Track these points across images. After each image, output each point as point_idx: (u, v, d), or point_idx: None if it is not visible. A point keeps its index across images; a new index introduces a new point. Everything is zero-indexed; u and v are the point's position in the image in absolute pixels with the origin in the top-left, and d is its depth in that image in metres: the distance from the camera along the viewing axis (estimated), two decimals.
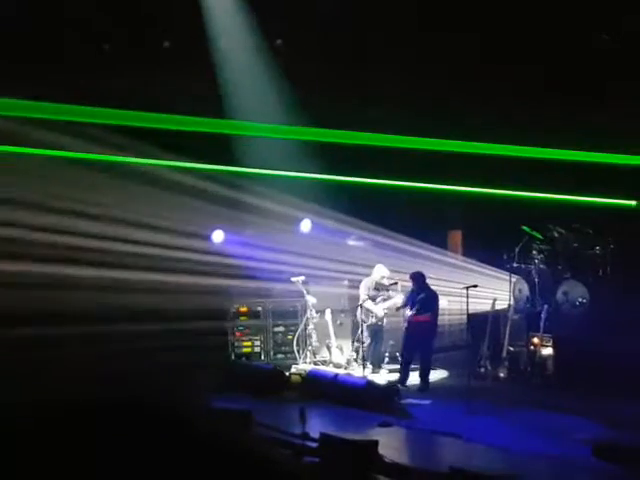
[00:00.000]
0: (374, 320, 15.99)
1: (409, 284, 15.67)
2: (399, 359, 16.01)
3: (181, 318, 15.77)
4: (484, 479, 7.84)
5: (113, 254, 16.07)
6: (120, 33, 16.45)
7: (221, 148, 17.41)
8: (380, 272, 16.32)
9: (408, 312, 15.30)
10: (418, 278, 15.37)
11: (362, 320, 15.88)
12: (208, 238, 17.81)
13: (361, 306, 15.89)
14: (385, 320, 16.19)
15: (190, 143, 16.50)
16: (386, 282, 16.29)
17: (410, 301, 15.34)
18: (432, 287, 15.59)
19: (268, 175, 17.45)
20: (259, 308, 17.74)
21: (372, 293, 16.15)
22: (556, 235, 17.05)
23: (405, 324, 15.34)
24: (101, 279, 15.92)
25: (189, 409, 10.13)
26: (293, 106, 17.01)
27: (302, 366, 16.09)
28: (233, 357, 17.27)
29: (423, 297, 15.06)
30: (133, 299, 15.91)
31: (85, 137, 15.54)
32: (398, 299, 15.98)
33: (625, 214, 16.65)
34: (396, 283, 16.20)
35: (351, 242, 18.99)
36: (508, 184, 16.82)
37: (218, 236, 17.96)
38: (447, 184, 17.69)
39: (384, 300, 16.16)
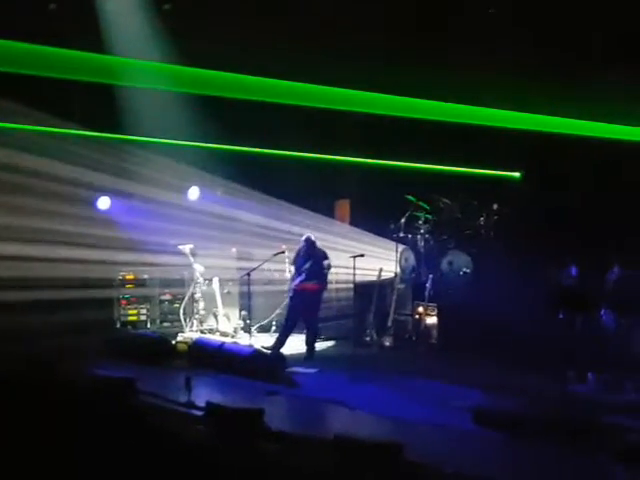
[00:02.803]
0: None
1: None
2: (276, 325, 16.24)
3: (65, 287, 15.55)
4: (368, 447, 7.91)
5: None
6: None
7: (108, 114, 17.15)
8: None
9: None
10: (310, 243, 15.34)
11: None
12: (94, 205, 17.52)
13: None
14: None
15: (77, 108, 16.21)
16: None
17: (296, 268, 15.35)
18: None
19: (155, 142, 17.23)
20: (145, 276, 17.60)
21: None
22: (441, 206, 17.26)
23: (290, 292, 15.32)
24: None
25: (72, 377, 10.00)
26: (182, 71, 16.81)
27: (189, 334, 15.99)
28: (118, 325, 17.09)
29: (310, 265, 15.05)
30: (17, 267, 15.62)
31: None
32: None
33: (509, 185, 16.95)
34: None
35: (240, 210, 18.91)
36: (395, 154, 16.96)
37: (104, 203, 17.69)
38: (335, 154, 17.75)
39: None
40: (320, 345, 15.69)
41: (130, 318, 17.22)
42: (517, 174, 16.93)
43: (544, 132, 14.46)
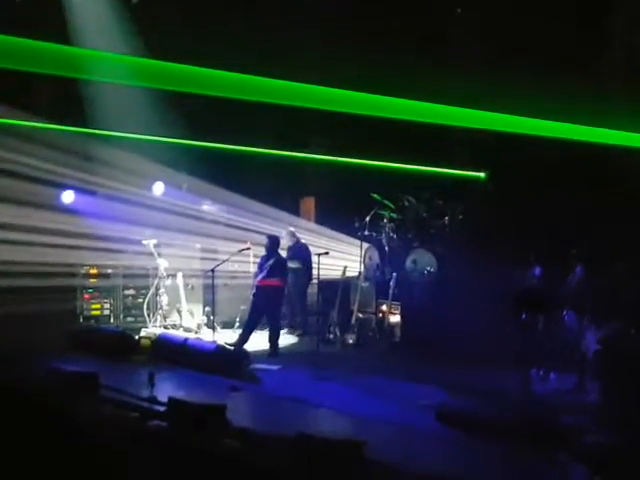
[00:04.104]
0: None
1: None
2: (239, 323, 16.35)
3: (27, 278, 15.46)
4: (330, 444, 7.95)
5: None
6: None
7: (73, 107, 17.06)
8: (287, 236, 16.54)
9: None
10: (274, 241, 15.42)
11: None
12: (58, 198, 17.40)
13: None
14: None
15: (42, 101, 16.10)
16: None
17: (259, 265, 15.38)
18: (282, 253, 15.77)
19: (121, 137, 17.15)
20: (109, 270, 17.48)
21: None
22: (406, 204, 17.31)
23: (253, 289, 15.34)
24: None
25: (34, 372, 9.95)
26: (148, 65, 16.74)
27: (152, 330, 15.95)
28: (81, 320, 16.99)
29: (273, 262, 15.10)
30: None
31: None
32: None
33: (474, 185, 17.04)
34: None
35: (204, 207, 18.87)
36: (361, 152, 16.98)
37: (68, 197, 17.56)
38: (301, 151, 17.76)
39: None
40: (283, 342, 15.71)
41: (93, 312, 17.10)
42: (482, 174, 17.01)
43: (509, 132, 14.55)
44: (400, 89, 14.36)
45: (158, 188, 18.49)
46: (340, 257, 16.91)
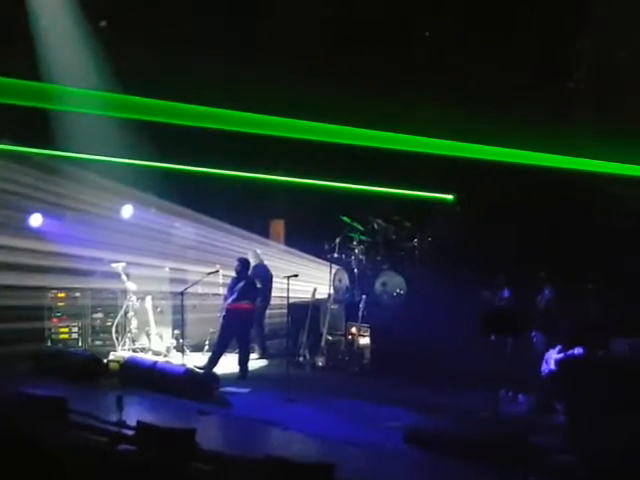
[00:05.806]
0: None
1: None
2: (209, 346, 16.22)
3: None
4: (299, 467, 7.92)
5: None
6: None
7: (42, 130, 17.01)
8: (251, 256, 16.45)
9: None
10: (244, 264, 15.40)
11: None
12: (26, 222, 17.29)
13: None
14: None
15: (9, 124, 16.05)
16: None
17: (229, 288, 15.35)
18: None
19: (89, 160, 17.12)
20: (77, 294, 17.37)
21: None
22: (376, 227, 17.35)
23: (223, 312, 15.29)
24: None
25: None
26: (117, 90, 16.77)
27: (121, 353, 15.85)
28: (49, 343, 16.87)
29: (243, 285, 15.07)
30: None
31: None
32: None
33: (443, 208, 17.13)
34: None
35: (174, 229, 18.82)
36: (330, 175, 17.04)
37: (36, 220, 17.44)
38: (270, 173, 17.79)
39: None
40: (253, 365, 15.67)
41: (61, 336, 16.98)
42: (450, 196, 17.11)
43: (477, 158, 14.71)
44: (368, 119, 14.54)
45: (127, 211, 18.41)
46: (310, 279, 16.89)
